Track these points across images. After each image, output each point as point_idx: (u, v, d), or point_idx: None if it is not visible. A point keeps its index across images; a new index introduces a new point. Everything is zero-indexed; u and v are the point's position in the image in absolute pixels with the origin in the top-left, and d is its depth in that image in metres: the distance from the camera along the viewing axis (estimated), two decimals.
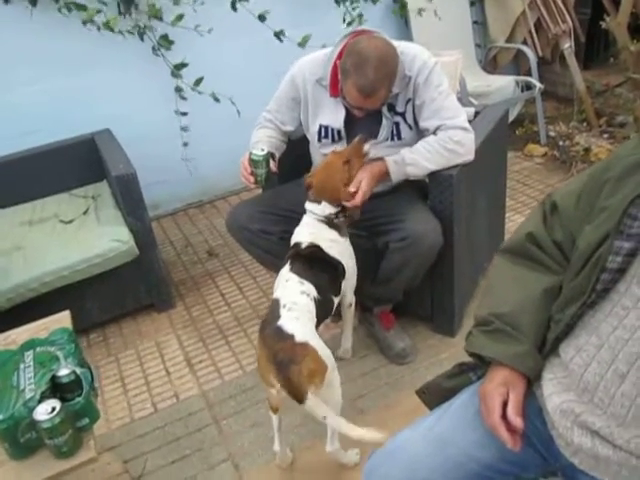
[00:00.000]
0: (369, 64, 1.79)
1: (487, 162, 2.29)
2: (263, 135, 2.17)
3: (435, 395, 1.29)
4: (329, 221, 1.93)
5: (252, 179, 2.04)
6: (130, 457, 2.04)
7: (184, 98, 3.32)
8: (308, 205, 1.96)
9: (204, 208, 3.70)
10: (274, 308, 1.70)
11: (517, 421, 1.00)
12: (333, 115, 2.05)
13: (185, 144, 3.44)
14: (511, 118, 3.90)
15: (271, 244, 2.14)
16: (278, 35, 3.27)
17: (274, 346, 1.57)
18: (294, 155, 2.30)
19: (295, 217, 2.15)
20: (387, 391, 2.13)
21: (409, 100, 2.00)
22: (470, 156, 2.00)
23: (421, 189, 2.14)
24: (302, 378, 1.52)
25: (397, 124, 2.04)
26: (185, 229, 3.48)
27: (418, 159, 1.96)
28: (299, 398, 1.53)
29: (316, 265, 1.86)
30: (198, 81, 3.28)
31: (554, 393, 1.02)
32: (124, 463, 2.00)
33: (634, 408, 0.91)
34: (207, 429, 2.09)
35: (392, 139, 2.05)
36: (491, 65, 4.22)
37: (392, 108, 2.02)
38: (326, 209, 1.92)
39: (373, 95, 1.84)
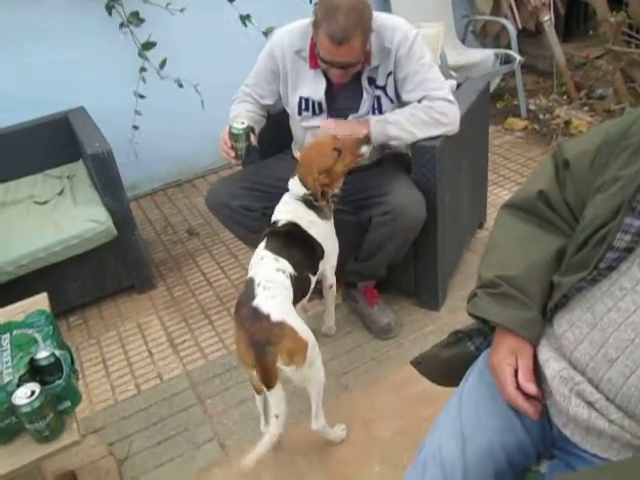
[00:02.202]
0: (339, 10, 1.75)
1: (469, 135, 2.27)
2: (242, 109, 2.12)
3: (432, 365, 1.26)
4: (307, 202, 1.89)
5: (233, 153, 2.00)
6: (115, 439, 2.01)
7: (144, 80, 3.21)
8: (290, 182, 1.92)
9: (183, 187, 3.64)
10: (249, 287, 1.66)
11: (530, 387, 0.97)
12: (314, 87, 2.01)
13: (135, 127, 3.29)
14: (490, 90, 3.88)
15: (252, 221, 2.11)
16: (244, 20, 3.18)
17: (251, 328, 1.54)
18: (274, 130, 2.26)
19: (276, 193, 2.11)
20: (372, 366, 2.13)
21: (390, 73, 1.97)
22: (454, 127, 1.97)
23: (404, 162, 2.12)
24: (274, 365, 1.50)
25: (378, 98, 2.00)
26: (164, 209, 3.43)
27: (401, 120, 1.92)
28: (269, 384, 1.51)
29: (292, 243, 1.83)
30: (163, 63, 3.19)
31: (551, 358, 1.00)
32: (109, 445, 1.98)
33: (620, 396, 0.89)
34: (192, 409, 2.08)
35: (373, 113, 2.02)
36: (482, 35, 4.19)
37: (373, 82, 1.99)
38: (301, 189, 1.89)
39: (345, 42, 1.78)
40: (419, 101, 1.95)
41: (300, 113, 2.08)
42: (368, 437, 1.87)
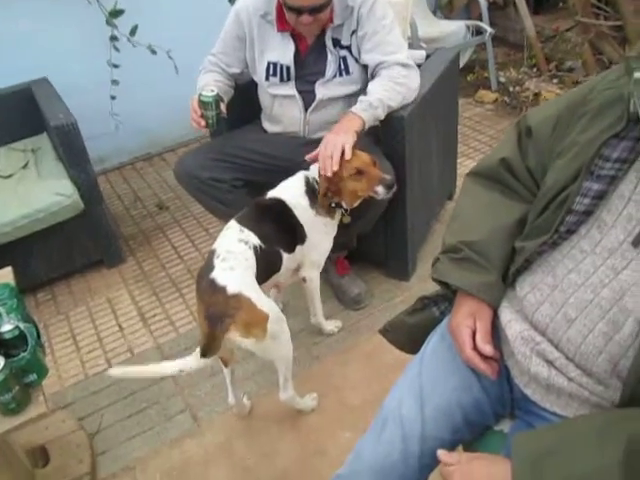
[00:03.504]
0: None
1: (438, 105, 2.27)
2: (210, 79, 2.08)
3: (399, 332, 1.27)
4: (310, 186, 1.87)
5: (203, 122, 1.97)
6: (85, 414, 2.01)
7: (117, 49, 3.12)
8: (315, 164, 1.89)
9: (153, 161, 3.59)
10: (209, 259, 1.65)
11: (486, 348, 1.00)
12: (281, 51, 2.00)
13: (113, 97, 3.20)
14: (462, 64, 3.88)
15: (222, 192, 2.09)
16: None
17: (208, 300, 1.53)
18: (242, 101, 2.23)
19: (246, 164, 2.11)
20: (344, 336, 2.15)
21: (353, 32, 1.96)
22: (416, 90, 1.99)
23: (373, 134, 2.11)
24: (222, 337, 1.49)
25: (344, 58, 2.00)
26: (133, 183, 3.38)
27: (381, 98, 1.89)
28: (206, 352, 1.51)
29: (267, 216, 1.81)
30: (133, 30, 3.10)
31: (513, 320, 1.02)
32: (79, 420, 1.97)
33: (579, 354, 0.91)
34: (163, 382, 2.07)
35: (340, 75, 2.01)
36: (447, 9, 4.16)
37: (337, 42, 1.98)
38: (316, 174, 1.86)
39: None
40: (375, 69, 1.96)
41: (267, 78, 2.06)
42: (339, 405, 1.89)
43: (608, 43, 3.55)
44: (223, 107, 1.99)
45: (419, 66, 2.30)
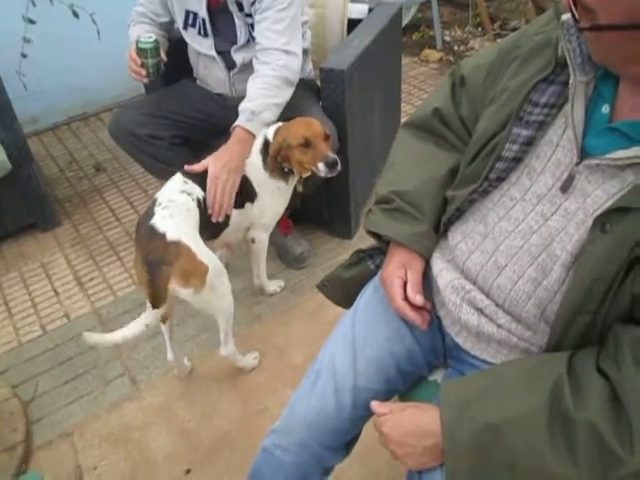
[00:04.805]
0: None
1: (380, 60, 2.23)
2: (141, 31, 1.97)
3: (336, 287, 1.25)
4: (266, 144, 1.81)
5: (144, 72, 1.87)
6: (19, 381, 1.94)
7: (34, 4, 2.90)
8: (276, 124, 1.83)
9: (89, 121, 3.44)
10: (149, 207, 1.61)
11: (416, 298, 0.99)
12: (197, 1, 1.90)
13: (24, 55, 2.84)
14: (407, 21, 3.85)
15: (161, 150, 2.02)
16: None
17: (146, 246, 1.49)
18: (178, 57, 2.13)
19: (185, 121, 2.05)
20: (286, 295, 2.13)
21: (253, 2, 1.85)
22: (296, 77, 1.87)
23: (313, 90, 2.06)
24: (165, 284, 1.45)
25: (252, 25, 1.90)
26: (69, 144, 3.24)
27: (263, 102, 1.79)
28: (155, 303, 1.47)
29: None
30: None
31: (444, 269, 1.01)
32: (13, 388, 1.90)
33: (508, 300, 0.91)
34: (101, 346, 2.02)
35: (254, 40, 1.90)
36: None
37: (242, 9, 1.89)
38: (272, 135, 1.80)
39: None
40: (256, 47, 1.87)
41: (186, 28, 1.98)
42: (281, 364, 1.88)
43: (551, 2, 3.57)
44: (163, 54, 1.90)
45: (360, 21, 2.27)
